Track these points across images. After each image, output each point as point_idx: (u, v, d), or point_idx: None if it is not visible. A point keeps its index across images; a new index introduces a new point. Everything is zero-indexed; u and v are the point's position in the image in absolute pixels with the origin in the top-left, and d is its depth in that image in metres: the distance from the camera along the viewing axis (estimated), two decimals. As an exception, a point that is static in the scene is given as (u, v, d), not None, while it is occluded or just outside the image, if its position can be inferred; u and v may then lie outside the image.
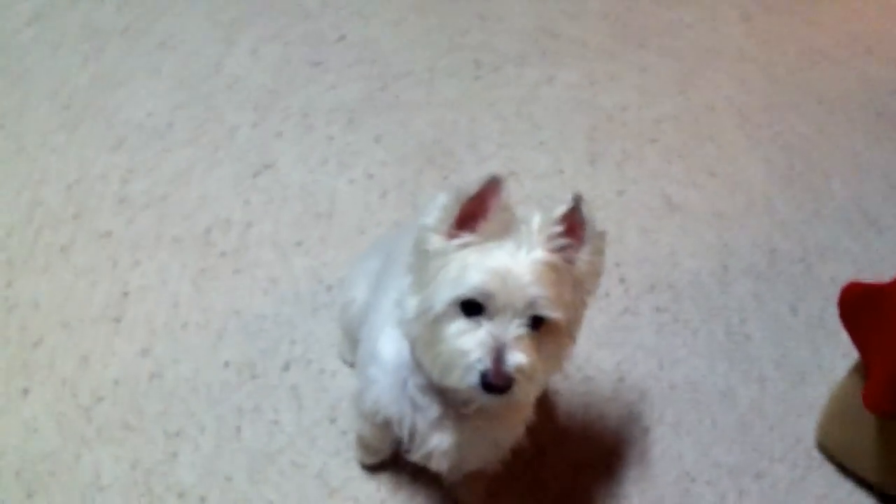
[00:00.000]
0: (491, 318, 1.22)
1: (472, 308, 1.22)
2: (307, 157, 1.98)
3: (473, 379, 1.22)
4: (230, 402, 1.71)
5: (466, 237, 1.24)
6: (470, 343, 1.22)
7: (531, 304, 1.21)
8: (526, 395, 1.31)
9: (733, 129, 2.11)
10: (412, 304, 1.29)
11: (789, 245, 2.00)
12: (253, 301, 1.82)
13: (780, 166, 2.09)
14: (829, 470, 1.74)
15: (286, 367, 1.75)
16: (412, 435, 1.41)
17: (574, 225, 1.24)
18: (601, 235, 1.28)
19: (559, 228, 1.22)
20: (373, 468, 1.65)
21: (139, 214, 1.88)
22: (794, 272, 1.97)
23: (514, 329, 1.21)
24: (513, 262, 1.21)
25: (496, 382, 1.21)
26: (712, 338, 1.88)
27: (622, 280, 1.92)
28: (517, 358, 1.21)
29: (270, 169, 1.96)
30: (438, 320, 1.24)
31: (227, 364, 1.74)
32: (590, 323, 1.83)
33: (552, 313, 1.22)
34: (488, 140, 2.03)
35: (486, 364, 1.20)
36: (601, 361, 1.83)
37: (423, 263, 1.28)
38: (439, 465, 1.44)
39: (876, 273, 1.95)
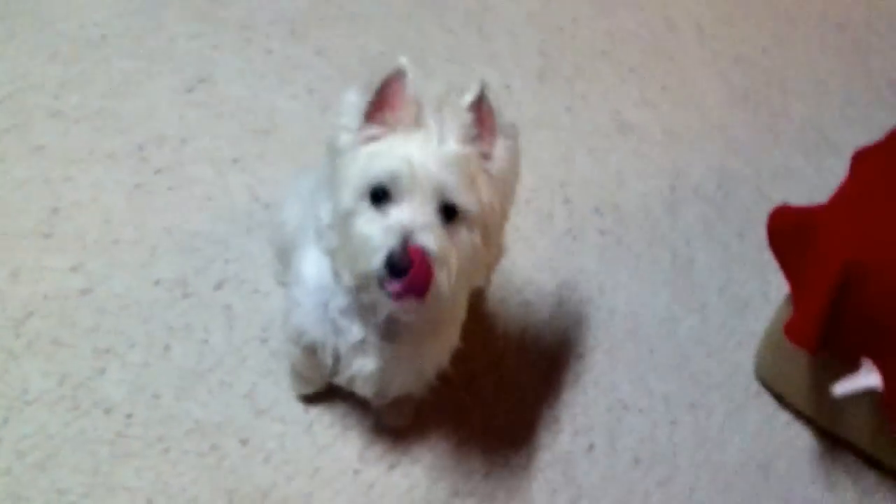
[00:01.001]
0: (398, 204, 1.17)
1: (380, 199, 1.18)
2: (245, 71, 1.92)
3: (378, 260, 1.16)
4: (160, 319, 1.69)
5: (374, 129, 1.20)
6: (376, 229, 1.17)
7: (440, 187, 1.17)
8: (440, 286, 1.21)
9: (690, 43, 2.04)
10: (326, 209, 1.26)
11: (741, 166, 1.95)
12: (187, 218, 1.78)
13: (737, 83, 2.02)
14: (766, 400, 1.73)
15: (219, 286, 1.73)
16: (336, 359, 1.40)
17: (483, 115, 1.20)
18: (513, 127, 1.23)
19: (469, 117, 1.18)
20: (308, 399, 1.64)
21: (73, 128, 1.84)
22: (744, 195, 1.92)
23: (423, 215, 1.17)
24: (422, 151, 1.17)
25: (402, 263, 1.14)
26: (656, 263, 1.84)
27: (567, 201, 1.87)
28: (425, 240, 1.15)
29: (207, 83, 1.90)
30: (349, 217, 1.20)
31: (158, 282, 1.72)
32: (531, 245, 1.81)
33: (464, 200, 1.17)
34: (435, 54, 1.97)
35: (392, 244, 1.15)
36: (541, 285, 1.80)
37: (335, 164, 1.24)
38: (363, 389, 1.44)
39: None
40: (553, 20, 2.02)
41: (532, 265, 1.80)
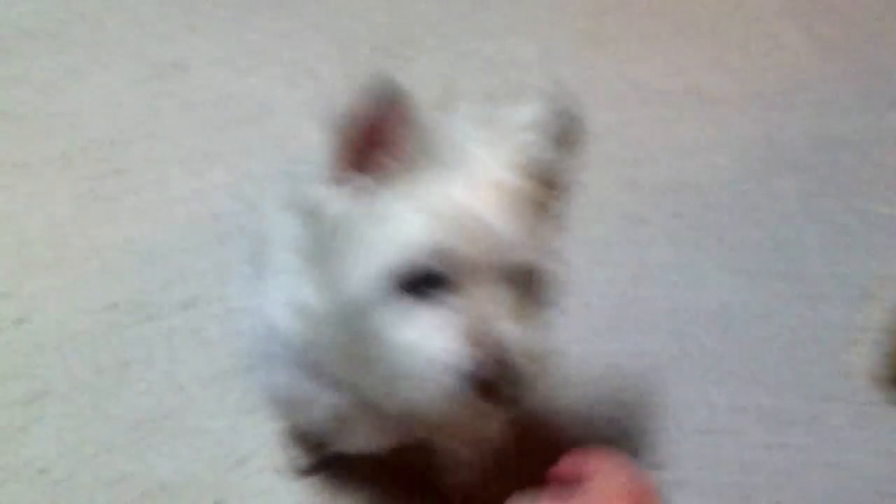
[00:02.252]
0: (456, 289, 0.77)
1: (420, 283, 0.77)
2: (227, 53, 1.61)
3: (454, 383, 0.75)
4: (113, 351, 1.32)
5: (362, 180, 0.79)
6: (432, 331, 0.76)
7: (513, 252, 0.77)
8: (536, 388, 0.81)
9: (765, -5, 1.69)
10: (312, 293, 0.85)
11: (842, 129, 1.56)
12: (148, 227, 1.43)
13: (825, 35, 1.66)
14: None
15: (186, 306, 1.36)
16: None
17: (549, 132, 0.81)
18: (579, 128, 0.83)
19: (529, 136, 0.81)
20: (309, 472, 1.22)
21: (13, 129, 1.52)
22: (848, 162, 1.54)
23: (498, 295, 0.77)
24: (470, 195, 0.77)
25: (490, 376, 0.75)
26: (745, 248, 1.45)
27: (633, 183, 1.50)
28: (514, 332, 0.76)
29: (179, 68, 1.58)
30: (366, 313, 0.78)
31: (113, 304, 1.36)
32: (587, 238, 1.42)
33: (541, 260, 0.79)
34: (455, 24, 1.63)
35: (468, 353, 0.75)
36: (601, 282, 1.40)
37: (319, 236, 0.83)
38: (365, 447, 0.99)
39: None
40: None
41: (585, 258, 1.41)
